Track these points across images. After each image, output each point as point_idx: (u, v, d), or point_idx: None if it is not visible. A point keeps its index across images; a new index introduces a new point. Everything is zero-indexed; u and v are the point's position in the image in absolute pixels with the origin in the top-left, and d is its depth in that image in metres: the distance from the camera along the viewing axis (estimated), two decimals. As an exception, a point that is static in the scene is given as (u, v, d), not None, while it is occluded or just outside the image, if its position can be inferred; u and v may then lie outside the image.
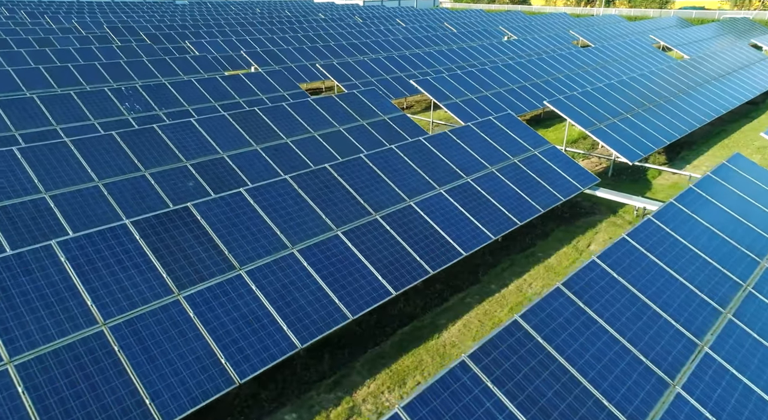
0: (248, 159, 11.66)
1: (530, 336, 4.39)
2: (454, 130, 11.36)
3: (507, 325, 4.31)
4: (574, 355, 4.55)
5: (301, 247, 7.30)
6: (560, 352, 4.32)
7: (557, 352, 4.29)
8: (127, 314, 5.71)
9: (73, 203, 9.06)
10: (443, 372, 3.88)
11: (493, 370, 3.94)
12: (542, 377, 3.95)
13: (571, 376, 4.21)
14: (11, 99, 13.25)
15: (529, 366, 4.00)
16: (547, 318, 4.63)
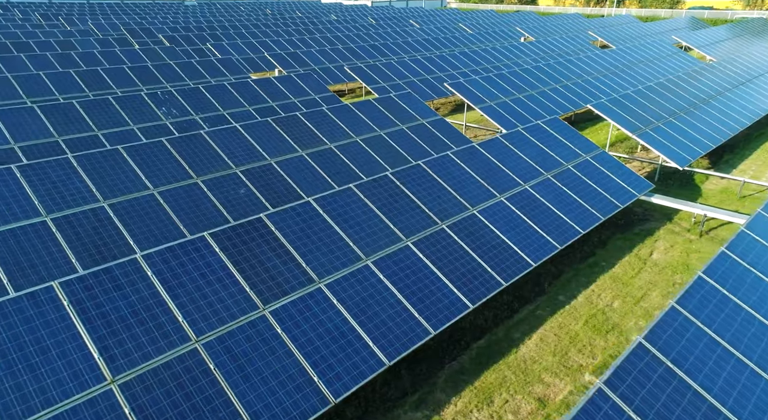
0: (295, 165, 11.53)
1: (658, 360, 4.23)
2: (505, 135, 11.17)
3: (633, 349, 4.15)
4: (706, 381, 4.38)
5: (374, 258, 7.15)
6: (692, 377, 4.15)
7: (689, 377, 4.12)
8: (218, 331, 5.57)
9: (131, 212, 8.95)
10: (583, 401, 3.71)
11: (631, 398, 3.78)
12: (682, 406, 3.78)
13: (710, 405, 4.04)
14: (54, 105, 13.18)
15: (666, 393, 3.84)
16: (670, 339, 4.46)
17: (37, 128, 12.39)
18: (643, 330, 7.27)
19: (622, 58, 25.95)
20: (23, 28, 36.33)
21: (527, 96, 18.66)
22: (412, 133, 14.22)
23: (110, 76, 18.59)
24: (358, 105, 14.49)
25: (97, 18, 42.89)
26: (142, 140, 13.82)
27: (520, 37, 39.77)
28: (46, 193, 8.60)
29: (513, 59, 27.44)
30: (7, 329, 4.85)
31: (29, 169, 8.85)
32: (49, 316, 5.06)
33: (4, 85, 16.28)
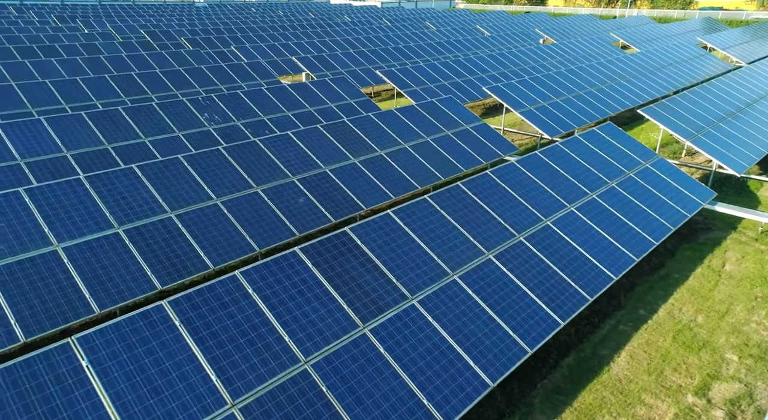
0: (349, 173, 11.41)
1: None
2: (565, 142, 10.99)
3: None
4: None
5: (460, 273, 7.02)
6: None
7: None
8: (323, 351, 5.45)
9: (198, 223, 8.85)
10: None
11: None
12: None
13: None
14: (101, 111, 13.13)
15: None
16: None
17: (86, 135, 12.34)
18: (735, 347, 7.09)
19: (651, 60, 25.68)
20: (44, 31, 36.43)
21: (564, 100, 18.46)
22: (458, 139, 14.07)
23: (144, 81, 18.56)
24: (402, 110, 14.35)
25: (113, 20, 42.93)
26: (188, 146, 13.75)
27: (539, 38, 39.54)
28: (115, 204, 8.52)
29: (539, 62, 27.23)
30: (127, 350, 4.74)
31: (96, 180, 8.77)
32: (164, 336, 4.96)
33: (42, 91, 16.27)
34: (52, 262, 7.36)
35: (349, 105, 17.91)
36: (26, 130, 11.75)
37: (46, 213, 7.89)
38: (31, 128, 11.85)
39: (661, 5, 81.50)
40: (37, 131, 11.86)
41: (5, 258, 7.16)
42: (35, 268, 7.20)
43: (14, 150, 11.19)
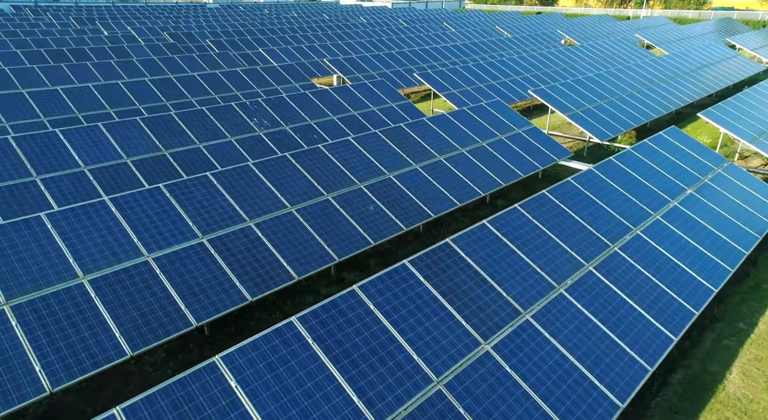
0: (412, 179, 11.24)
1: None
2: (636, 147, 10.73)
3: None
4: None
5: (565, 286, 6.83)
6: None
7: None
8: (452, 370, 5.29)
9: (277, 232, 8.71)
10: None
11: None
12: None
13: None
14: (155, 117, 13.03)
15: None
16: None
17: (143, 141, 12.25)
18: None
19: (683, 62, 25.36)
20: (67, 33, 36.51)
21: (608, 102, 18.22)
22: (512, 143, 13.87)
23: (183, 85, 18.49)
24: (455, 115, 14.17)
25: (131, 22, 42.97)
26: (241, 152, 13.60)
27: (560, 39, 39.28)
28: (196, 212, 8.40)
29: (569, 63, 26.96)
30: (270, 370, 4.60)
31: (175, 188, 8.65)
32: (301, 355, 4.81)
33: (86, 95, 16.23)
34: (146, 273, 7.24)
35: (391, 108, 17.75)
36: (86, 136, 11.67)
37: (133, 223, 7.78)
38: (90, 134, 11.77)
39: (675, 5, 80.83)
40: (96, 137, 11.77)
41: (102, 269, 7.04)
42: (131, 280, 7.08)
43: (77, 157, 11.11)
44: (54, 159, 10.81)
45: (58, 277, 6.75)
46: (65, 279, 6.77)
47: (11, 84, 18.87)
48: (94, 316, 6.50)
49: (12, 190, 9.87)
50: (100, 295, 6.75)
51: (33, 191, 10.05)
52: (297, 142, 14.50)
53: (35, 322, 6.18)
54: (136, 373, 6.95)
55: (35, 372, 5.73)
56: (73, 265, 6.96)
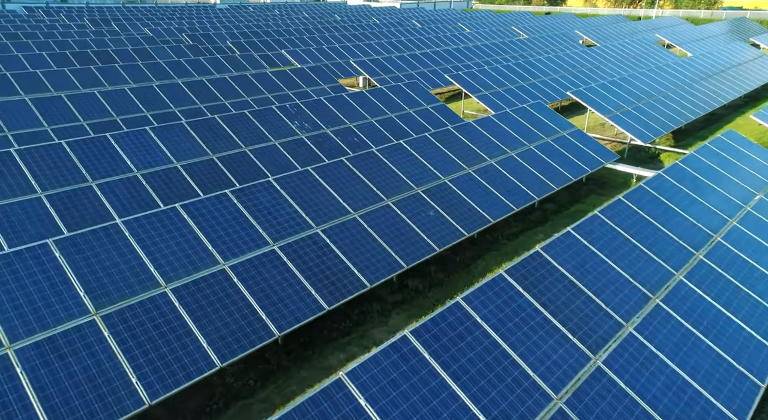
0: (467, 183, 11.10)
1: None
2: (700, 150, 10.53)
3: None
4: None
5: (660, 296, 6.64)
6: None
7: None
8: (569, 387, 5.14)
9: (344, 238, 8.58)
10: None
11: None
12: None
13: None
14: (200, 120, 12.94)
15: None
16: None
17: (191, 145, 12.17)
18: None
19: (711, 62, 25.08)
20: (86, 35, 36.55)
21: (645, 104, 18.01)
22: (558, 146, 13.70)
23: (216, 87, 18.42)
24: (500, 117, 14.00)
25: (145, 23, 42.96)
26: (285, 155, 13.45)
27: (578, 39, 39.05)
28: (264, 219, 8.29)
29: (594, 64, 26.73)
30: (394, 387, 4.48)
31: (241, 194, 8.54)
32: (420, 371, 4.68)
33: (123, 98, 16.17)
34: (224, 281, 7.13)
35: (426, 110, 17.61)
36: (135, 140, 11.59)
37: (205, 230, 7.68)
38: (139, 138, 11.69)
39: (685, 5, 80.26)
40: (145, 141, 11.69)
41: (182, 278, 6.94)
42: (210, 289, 6.98)
43: (129, 161, 11.02)
44: (107, 164, 10.74)
45: (142, 286, 6.65)
46: (149, 288, 6.67)
47: (44, 87, 18.86)
48: (180, 326, 6.40)
49: (71, 196, 9.79)
50: (183, 304, 6.64)
51: (90, 197, 9.97)
52: (339, 145, 14.38)
53: (125, 333, 6.08)
54: (218, 384, 6.84)
55: (132, 384, 5.63)
56: (155, 273, 6.86)
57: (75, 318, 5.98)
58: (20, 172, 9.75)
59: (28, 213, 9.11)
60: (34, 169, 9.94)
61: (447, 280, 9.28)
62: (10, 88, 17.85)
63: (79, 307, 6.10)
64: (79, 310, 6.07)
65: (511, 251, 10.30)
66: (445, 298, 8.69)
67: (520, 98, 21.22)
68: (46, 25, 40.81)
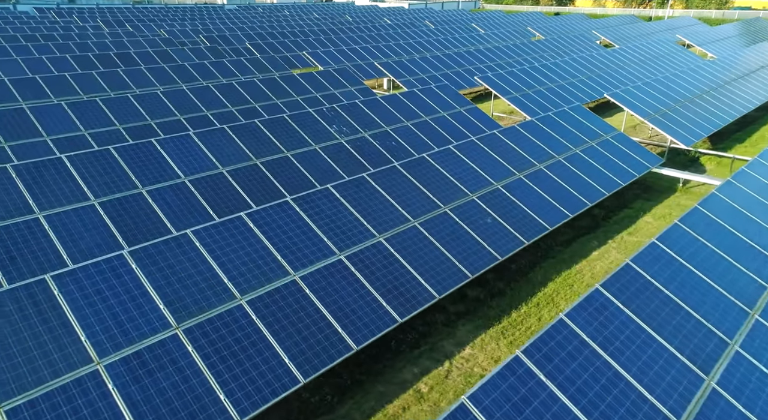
0: (520, 189, 10.88)
1: None
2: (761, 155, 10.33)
3: None
4: None
5: (759, 311, 6.46)
6: None
7: None
8: (689, 412, 4.93)
9: (407, 248, 8.39)
10: None
11: None
12: None
13: None
14: (241, 125, 12.78)
15: None
16: None
17: (234, 150, 12.00)
18: None
19: (737, 64, 24.76)
20: (103, 37, 36.54)
21: (682, 106, 17.74)
22: (603, 150, 13.46)
23: (245, 90, 18.27)
24: (543, 120, 13.77)
25: (158, 24, 42.85)
26: (326, 160, 13.19)
27: (596, 40, 38.78)
28: (327, 228, 8.10)
29: (619, 65, 26.44)
30: (517, 413, 4.28)
31: (303, 202, 8.36)
32: (540, 394, 4.48)
33: (156, 102, 16.05)
34: (297, 293, 6.95)
35: (460, 113, 17.40)
36: (180, 145, 11.44)
37: (272, 239, 7.50)
38: (184, 143, 11.55)
39: (696, 5, 79.64)
40: (190, 146, 11.54)
41: (255, 289, 6.77)
42: (284, 300, 6.80)
43: (176, 167, 10.87)
44: (155, 169, 10.59)
45: (218, 298, 6.48)
46: (224, 300, 6.50)
47: (73, 90, 18.76)
48: (260, 340, 6.23)
49: (122, 203, 9.64)
50: (260, 317, 6.47)
51: (141, 204, 9.82)
52: (378, 149, 14.20)
53: (208, 347, 5.92)
54: (293, 398, 6.67)
55: (221, 401, 5.46)
56: (229, 285, 6.69)
57: (158, 332, 5.82)
58: (72, 179, 9.61)
59: (83, 221, 8.97)
60: (85, 176, 9.80)
61: (507, 290, 9.07)
62: (41, 92, 17.79)
63: (160, 320, 5.94)
64: (161, 324, 5.91)
65: (568, 259, 10.08)
66: (510, 308, 8.49)
67: (551, 100, 20.97)
68: (62, 27, 40.79)
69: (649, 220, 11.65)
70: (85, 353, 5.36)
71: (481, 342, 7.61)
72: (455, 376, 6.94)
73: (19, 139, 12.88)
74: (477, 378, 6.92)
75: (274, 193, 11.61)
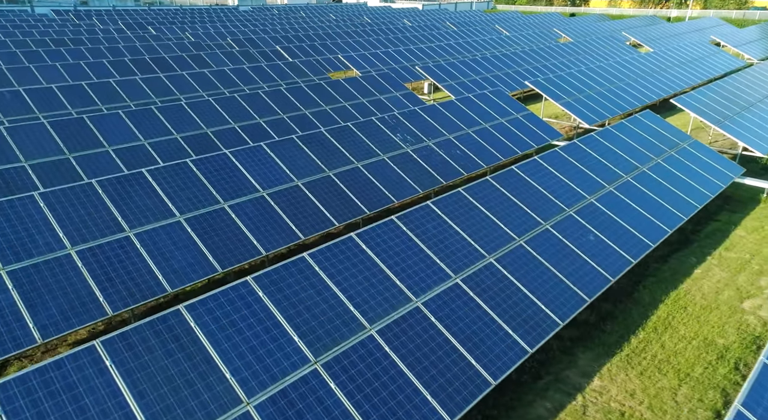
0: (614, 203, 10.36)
1: None
2: None
3: None
4: None
5: None
6: None
7: None
8: None
9: (519, 269, 7.93)
10: None
11: None
12: None
13: None
14: (309, 135, 12.41)
15: None
16: None
17: (305, 161, 11.59)
18: None
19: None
20: (130, 40, 36.42)
21: (748, 111, 17.17)
22: (685, 159, 12.94)
23: (294, 96, 17.92)
24: (619, 128, 13.22)
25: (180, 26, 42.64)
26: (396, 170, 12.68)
27: (625, 40, 38.20)
28: (437, 248, 7.67)
29: (663, 68, 25.83)
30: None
31: (407, 220, 7.94)
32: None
33: (211, 111, 15.71)
34: (423, 321, 6.52)
35: (517, 120, 16.93)
36: (253, 156, 11.06)
37: (387, 262, 7.05)
38: (256, 154, 11.17)
39: (714, 5, 78.48)
40: (263, 157, 11.17)
41: (383, 318, 6.34)
42: (413, 330, 6.37)
43: (253, 180, 10.50)
44: (233, 183, 10.21)
45: (348, 328, 6.07)
46: (355, 330, 6.08)
47: (119, 97, 18.50)
48: (398, 375, 5.80)
49: (207, 219, 9.27)
50: (393, 349, 6.05)
51: (225, 219, 9.44)
52: (444, 158, 13.75)
53: (349, 384, 5.50)
54: (424, 435, 6.25)
55: (377, 448, 5.06)
56: (355, 313, 6.27)
57: (298, 367, 5.42)
58: (155, 194, 9.25)
59: (172, 238, 8.60)
60: (167, 190, 9.44)
61: (617, 312, 8.59)
62: (88, 99, 17.55)
63: (297, 354, 5.54)
64: (300, 358, 5.51)
65: (670, 277, 9.57)
66: (628, 333, 8.00)
67: (603, 105, 20.43)
68: (86, 30, 40.70)
69: (742, 234, 11.10)
70: (233, 393, 4.97)
71: (609, 373, 7.14)
72: (593, 412, 6.48)
73: (83, 150, 12.57)
74: (617, 414, 6.46)
75: (351, 207, 11.19)
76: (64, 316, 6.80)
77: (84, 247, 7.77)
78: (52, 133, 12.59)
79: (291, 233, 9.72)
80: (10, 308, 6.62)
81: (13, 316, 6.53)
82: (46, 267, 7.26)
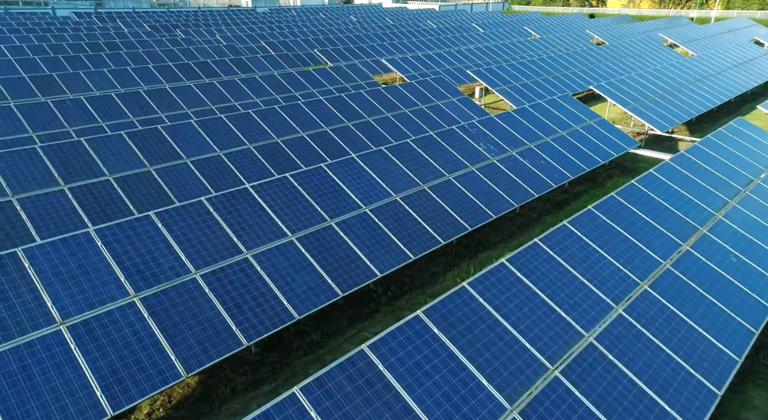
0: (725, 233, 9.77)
1: None
2: None
3: None
4: None
5: None
6: None
7: None
8: None
9: (653, 323, 7.37)
10: None
11: None
12: None
13: None
14: (396, 146, 11.88)
15: None
16: None
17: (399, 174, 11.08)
18: None
19: None
20: (163, 44, 36.23)
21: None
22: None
23: (357, 104, 17.41)
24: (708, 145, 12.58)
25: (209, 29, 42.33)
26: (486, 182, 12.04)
27: (660, 40, 37.34)
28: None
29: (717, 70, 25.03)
30: None
31: (552, 244, 7.38)
32: None
33: (275, 119, 15.27)
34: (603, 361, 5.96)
35: (591, 126, 16.29)
36: (347, 169, 10.55)
37: (546, 292, 6.51)
38: (350, 167, 10.65)
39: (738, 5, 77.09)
40: (357, 170, 10.64)
41: (561, 357, 5.78)
42: (595, 371, 5.81)
43: (353, 195, 9.98)
44: (335, 198, 9.70)
45: (533, 370, 5.50)
46: (539, 373, 5.48)
47: (177, 105, 18.14)
48: None
49: (318, 238, 8.75)
50: (582, 392, 5.48)
51: (336, 239, 8.91)
52: (531, 170, 13.14)
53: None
54: None
55: None
56: (533, 351, 5.71)
57: (497, 418, 4.88)
58: (264, 211, 8.76)
59: (289, 260, 8.10)
60: (274, 207, 8.94)
61: None
62: (147, 107, 17.19)
63: (492, 401, 4.98)
64: (495, 406, 4.94)
65: None
66: None
67: (669, 110, 19.71)
68: (116, 34, 40.49)
69: None
70: (446, 453, 4.45)
71: None
72: None
73: (162, 162, 12.13)
74: None
75: (452, 223, 10.60)
76: (203, 347, 6.32)
77: (207, 270, 7.29)
78: (130, 143, 12.18)
79: (400, 252, 9.19)
80: (150, 339, 6.15)
81: (154, 348, 6.06)
82: (175, 293, 6.79)
